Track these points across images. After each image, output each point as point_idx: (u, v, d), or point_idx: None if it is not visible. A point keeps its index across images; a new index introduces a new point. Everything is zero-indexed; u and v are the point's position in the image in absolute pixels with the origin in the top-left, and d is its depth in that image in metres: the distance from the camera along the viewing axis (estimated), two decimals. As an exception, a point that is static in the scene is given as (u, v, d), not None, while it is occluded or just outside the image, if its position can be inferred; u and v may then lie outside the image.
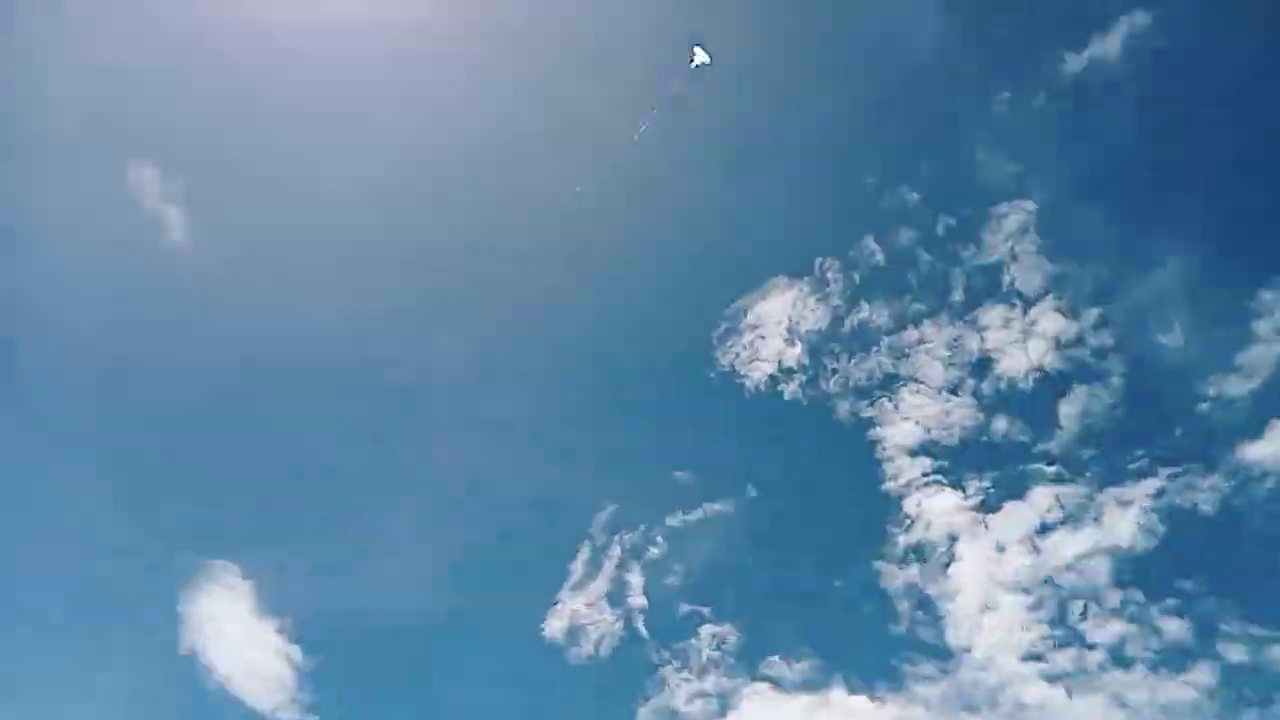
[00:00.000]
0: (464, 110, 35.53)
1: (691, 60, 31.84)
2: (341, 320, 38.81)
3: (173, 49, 33.68)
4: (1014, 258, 39.24)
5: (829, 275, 40.36)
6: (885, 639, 37.10)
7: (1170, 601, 35.22)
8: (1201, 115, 36.99)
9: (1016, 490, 38.04)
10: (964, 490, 38.55)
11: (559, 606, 38.29)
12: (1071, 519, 37.17)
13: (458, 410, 40.71)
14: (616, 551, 39.13)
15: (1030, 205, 38.40)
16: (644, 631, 37.87)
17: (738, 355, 41.04)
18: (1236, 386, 37.49)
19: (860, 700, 35.74)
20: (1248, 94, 36.36)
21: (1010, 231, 38.90)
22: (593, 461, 41.13)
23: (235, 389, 39.74)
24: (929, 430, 40.43)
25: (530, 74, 35.68)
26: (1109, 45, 35.50)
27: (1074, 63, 36.11)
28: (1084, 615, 35.89)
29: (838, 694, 35.96)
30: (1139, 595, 35.63)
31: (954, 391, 40.38)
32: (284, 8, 33.74)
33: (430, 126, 35.92)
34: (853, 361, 40.75)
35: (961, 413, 40.22)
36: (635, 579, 38.66)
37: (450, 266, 38.70)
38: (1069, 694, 34.81)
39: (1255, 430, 36.34)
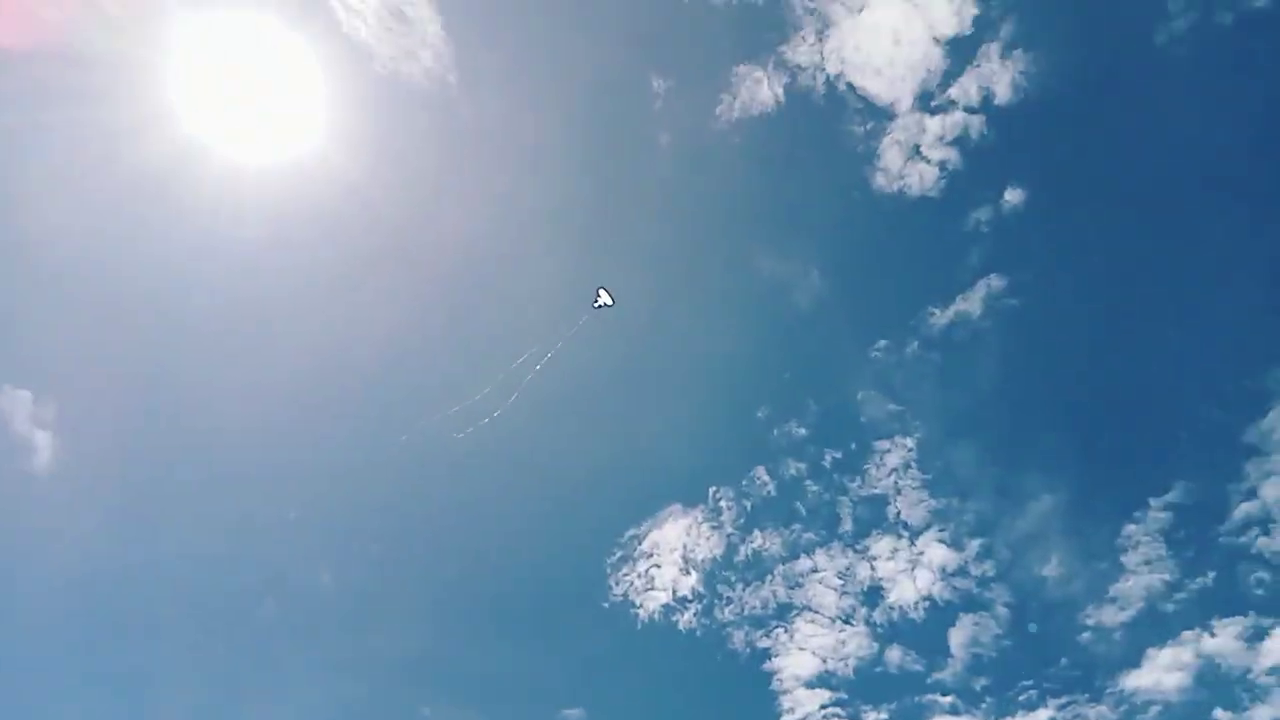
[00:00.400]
0: (339, 328, 35.90)
1: (596, 301, 33.26)
2: (207, 548, 37.02)
3: (51, 277, 33.42)
4: (898, 491, 40.82)
5: (723, 504, 40.92)
6: None
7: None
8: (1059, 363, 40.44)
9: (915, 722, 37.70)
10: (863, 723, 38.06)
11: None
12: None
13: (332, 645, 38.47)
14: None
15: (910, 443, 40.46)
16: None
17: (632, 584, 40.51)
18: (1112, 616, 39.06)
19: None
20: (1099, 345, 40.16)
21: (893, 466, 40.64)
22: (479, 698, 38.98)
23: (88, 614, 37.40)
24: (825, 661, 40.24)
25: (423, 305, 36.45)
26: (971, 303, 39.06)
27: (941, 317, 39.35)
28: None
29: None
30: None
31: (848, 620, 40.65)
32: (154, 239, 34.27)
33: (304, 345, 36.07)
34: (748, 590, 40.86)
35: (856, 642, 40.36)
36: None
37: (326, 492, 37.63)
38: None
39: (1134, 659, 37.62)
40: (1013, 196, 37.82)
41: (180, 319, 34.88)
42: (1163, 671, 37.13)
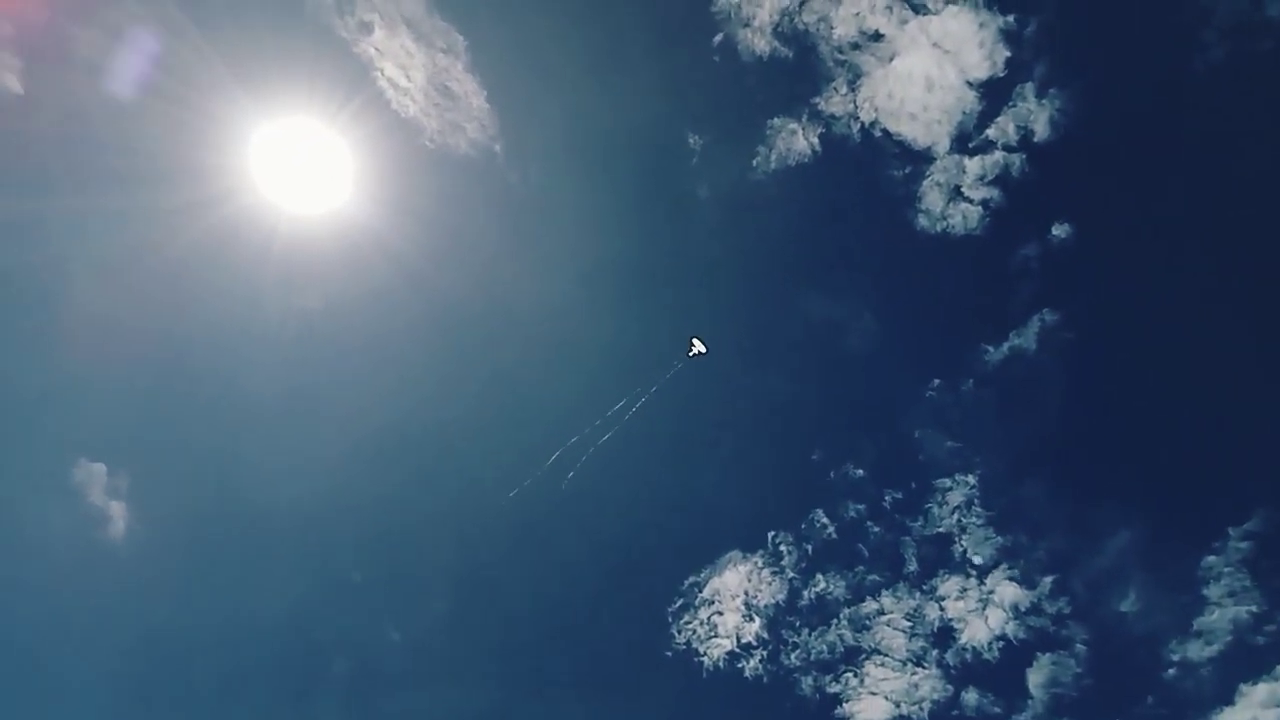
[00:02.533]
0: (402, 393, 37.08)
1: (690, 350, 34.65)
2: (277, 611, 37.97)
3: (122, 353, 35.27)
4: (963, 529, 40.14)
5: (783, 548, 40.65)
6: None
7: None
8: (1123, 393, 39.59)
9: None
10: (944, 768, 37.28)
11: None
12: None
13: (401, 701, 38.75)
14: None
15: (971, 480, 39.88)
16: None
17: (695, 632, 40.31)
18: (1198, 651, 37.60)
19: None
20: (1162, 373, 39.25)
21: (956, 504, 40.04)
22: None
23: (163, 678, 38.56)
24: (898, 705, 39.38)
25: (481, 367, 37.59)
26: (1025, 338, 38.78)
27: (995, 353, 39.18)
28: None
29: None
30: None
31: (919, 663, 39.82)
32: (218, 312, 36.04)
33: (367, 411, 37.38)
34: (814, 635, 40.36)
35: (930, 685, 39.45)
36: None
37: (396, 551, 38.47)
38: None
39: (1226, 696, 36.42)
40: (1060, 231, 37.99)
41: (248, 389, 36.51)
42: (1259, 708, 35.72)
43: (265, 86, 33.24)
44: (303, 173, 34.95)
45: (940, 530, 40.07)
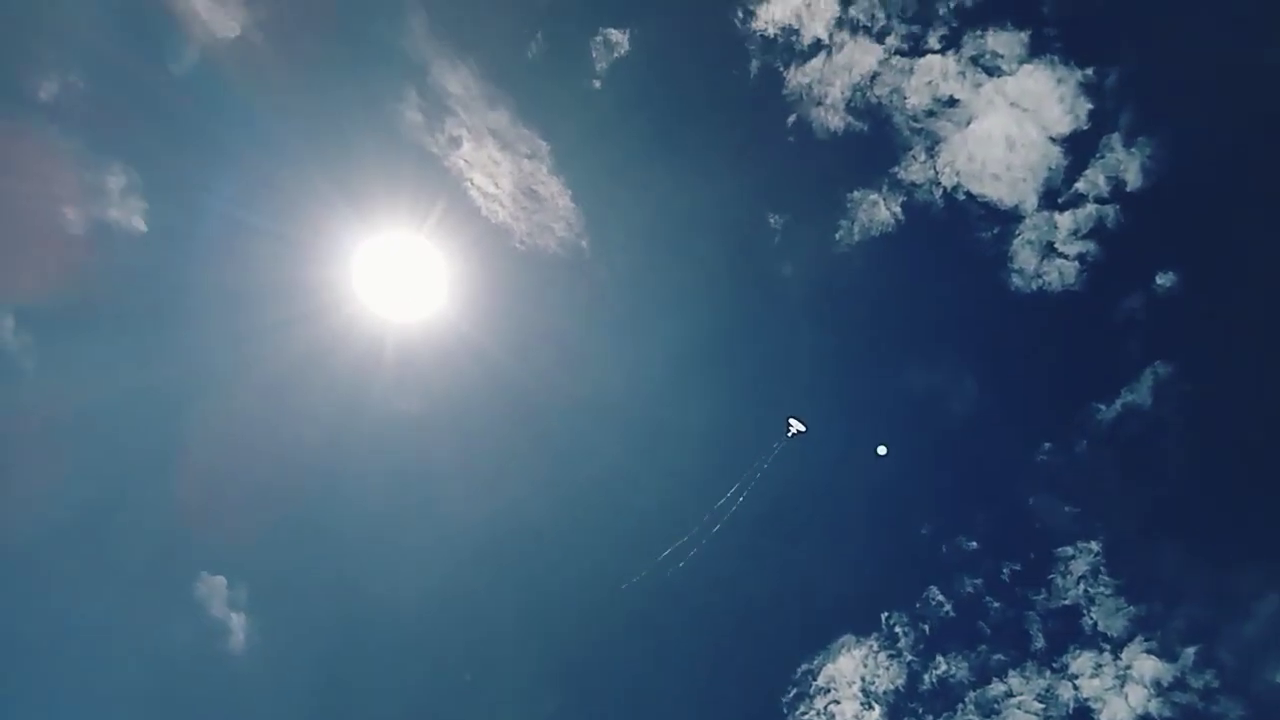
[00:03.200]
0: (514, 502, 37.24)
1: (789, 430, 34.58)
2: (397, 716, 37.63)
3: (241, 466, 36.65)
4: (1091, 600, 37.74)
5: (898, 630, 38.80)
6: None
7: None
8: (1254, 445, 37.03)
9: None
10: None
11: None
12: None
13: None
14: None
15: (1095, 547, 37.63)
16: None
17: (812, 723, 38.50)
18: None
19: None
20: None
21: (1081, 574, 37.74)
22: None
23: None
24: (1038, 794, 36.58)
25: (585, 459, 37.84)
26: (1139, 394, 36.96)
27: (1108, 412, 37.39)
28: None
29: None
30: None
31: (1058, 748, 37.08)
32: (331, 425, 37.16)
33: (479, 521, 37.58)
34: (939, 721, 38.09)
35: (1072, 772, 36.60)
36: None
37: (508, 648, 38.02)
38: None
39: None
40: (1164, 279, 36.54)
41: (358, 495, 37.38)
42: None
43: (365, 203, 35.04)
44: (402, 281, 36.43)
45: (1066, 602, 37.83)
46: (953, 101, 37.34)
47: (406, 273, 36.28)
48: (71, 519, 36.19)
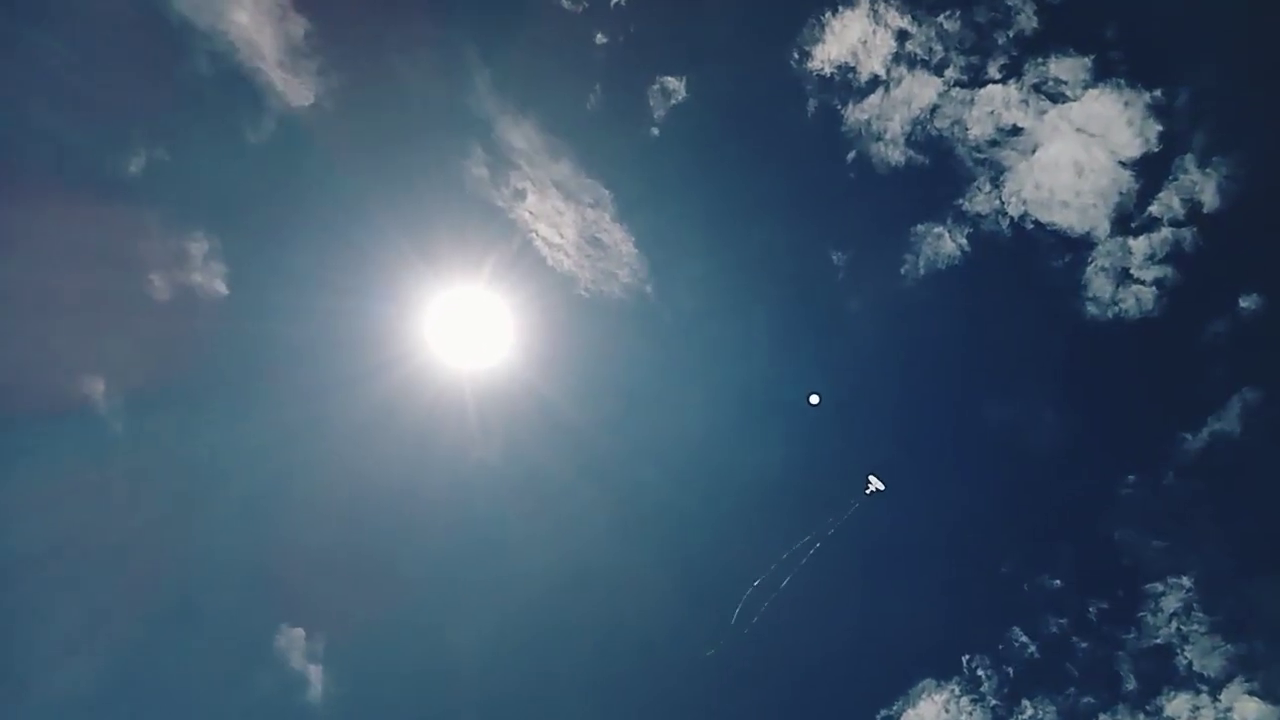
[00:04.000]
0: (586, 555, 37.47)
1: (868, 487, 34.32)
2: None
3: (318, 517, 37.44)
4: (1184, 639, 36.18)
5: (980, 673, 37.65)
6: None
7: None
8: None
9: None
10: None
11: None
12: None
13: None
14: None
15: (1187, 582, 36.16)
16: None
17: (896, 769, 37.46)
18: None
19: None
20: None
21: (1172, 611, 36.27)
22: None
23: None
24: None
25: (656, 509, 37.85)
26: (1227, 422, 35.60)
27: (1195, 441, 36.15)
28: None
29: None
30: None
31: (1159, 797, 35.44)
32: (404, 476, 37.75)
33: (551, 574, 37.79)
34: (1028, 767, 36.73)
35: (1176, 821, 34.91)
36: None
37: (582, 702, 37.90)
38: None
39: None
40: (1248, 302, 35.35)
41: (430, 546, 37.87)
42: None
43: (436, 257, 35.89)
44: (473, 332, 37.15)
45: (1158, 641, 36.39)
46: (1016, 130, 36.84)
47: (477, 324, 37.05)
48: (160, 574, 37.35)
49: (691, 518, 37.13)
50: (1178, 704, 35.96)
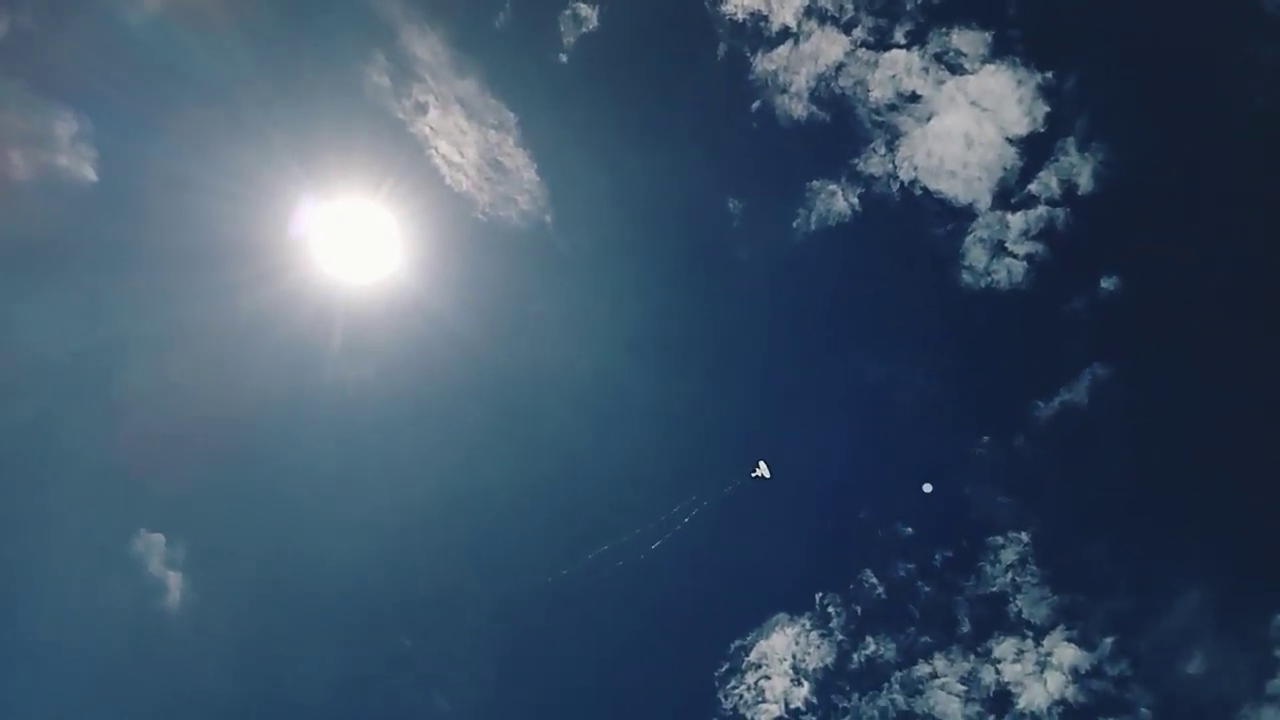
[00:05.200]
0: (459, 475, 37.61)
1: (754, 471, 35.76)
2: (332, 678, 38.04)
3: (183, 425, 36.12)
4: (1017, 588, 39.21)
5: (830, 610, 39.98)
6: None
7: None
8: (1185, 448, 38.41)
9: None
10: None
11: None
12: None
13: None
14: None
15: (1025, 538, 39.06)
16: None
17: (741, 697, 39.56)
18: (1274, 717, 36.08)
19: None
20: (1227, 427, 38.16)
21: (1009, 563, 39.18)
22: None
23: None
24: (955, 773, 38.21)
25: (533, 436, 38.17)
26: (1077, 393, 38.26)
27: (1046, 409, 38.69)
28: None
29: None
30: None
31: (976, 729, 38.68)
32: (273, 385, 36.95)
33: (422, 491, 37.79)
34: (864, 700, 39.39)
35: (987, 753, 38.23)
36: None
37: (444, 619, 38.58)
38: None
39: None
40: (1108, 283, 37.67)
41: (301, 460, 37.25)
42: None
43: (325, 165, 34.71)
44: (360, 247, 36.28)
45: (994, 590, 39.19)
46: (915, 97, 37.87)
47: (364, 237, 36.15)
48: (13, 472, 35.88)
49: (570, 450, 37.84)
50: (1005, 647, 39.07)
